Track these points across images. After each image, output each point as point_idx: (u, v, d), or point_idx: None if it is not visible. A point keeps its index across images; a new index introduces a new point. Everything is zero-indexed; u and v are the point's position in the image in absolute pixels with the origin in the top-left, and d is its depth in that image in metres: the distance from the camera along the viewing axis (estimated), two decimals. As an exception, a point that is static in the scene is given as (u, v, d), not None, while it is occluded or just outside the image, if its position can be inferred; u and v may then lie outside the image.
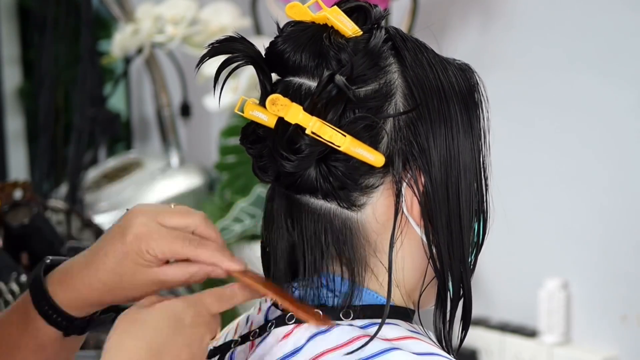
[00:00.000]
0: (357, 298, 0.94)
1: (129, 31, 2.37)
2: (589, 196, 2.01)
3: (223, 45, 0.95)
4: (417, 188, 0.93)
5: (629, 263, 1.95)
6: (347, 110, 0.91)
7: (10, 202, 1.96)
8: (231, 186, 2.31)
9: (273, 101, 0.91)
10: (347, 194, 0.92)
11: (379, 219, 0.94)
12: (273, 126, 0.92)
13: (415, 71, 0.94)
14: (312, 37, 0.93)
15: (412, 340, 0.93)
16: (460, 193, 0.95)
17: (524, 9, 2.09)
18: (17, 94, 3.08)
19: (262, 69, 0.95)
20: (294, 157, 0.90)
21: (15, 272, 1.87)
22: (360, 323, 0.94)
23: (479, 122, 0.98)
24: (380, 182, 0.93)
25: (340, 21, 0.93)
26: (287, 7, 0.95)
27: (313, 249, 0.94)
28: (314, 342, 0.92)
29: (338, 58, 0.92)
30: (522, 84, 2.09)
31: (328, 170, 0.91)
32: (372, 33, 0.93)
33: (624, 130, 1.95)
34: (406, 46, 0.95)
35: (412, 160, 0.93)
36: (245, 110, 0.94)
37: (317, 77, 0.92)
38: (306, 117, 0.90)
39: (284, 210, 0.95)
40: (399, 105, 0.93)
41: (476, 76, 0.99)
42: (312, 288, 0.95)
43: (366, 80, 0.92)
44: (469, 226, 0.96)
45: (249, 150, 0.96)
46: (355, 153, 0.91)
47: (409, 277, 0.97)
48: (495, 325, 2.17)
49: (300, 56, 0.93)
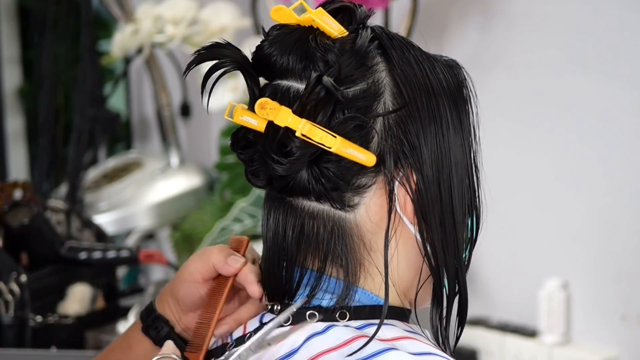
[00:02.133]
0: (352, 298, 0.94)
1: (129, 31, 2.37)
2: (589, 196, 2.01)
3: (209, 52, 0.95)
4: (410, 186, 0.93)
5: (629, 263, 1.95)
6: (337, 111, 0.91)
7: (10, 202, 1.96)
8: (231, 186, 2.31)
9: (262, 105, 0.91)
10: (339, 194, 0.93)
11: (373, 219, 0.94)
12: (263, 130, 0.92)
13: (403, 69, 0.94)
14: (298, 39, 0.93)
15: (409, 340, 0.93)
16: (453, 189, 0.95)
17: (524, 9, 2.09)
18: (17, 94, 3.08)
19: (249, 74, 0.95)
20: (285, 160, 0.90)
21: (15, 272, 1.87)
22: (356, 324, 0.94)
23: (469, 117, 0.98)
24: (373, 182, 0.93)
25: (326, 22, 0.93)
26: (272, 11, 0.95)
27: (308, 251, 0.94)
28: (310, 343, 0.93)
29: (325, 59, 0.92)
30: (522, 84, 2.09)
31: (320, 172, 0.91)
32: (358, 33, 0.93)
33: (623, 130, 1.95)
34: (392, 45, 0.95)
35: (404, 159, 0.93)
36: (234, 115, 0.94)
37: (305, 79, 0.92)
38: (295, 120, 0.90)
39: (279, 214, 0.95)
40: (388, 104, 0.93)
41: (464, 72, 0.99)
42: (307, 289, 0.95)
43: (354, 80, 0.92)
44: (462, 222, 0.96)
45: (239, 156, 0.96)
46: (346, 154, 0.91)
47: (404, 275, 0.97)
48: (495, 325, 2.17)
49: (287, 59, 0.93)
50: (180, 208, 2.46)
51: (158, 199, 2.46)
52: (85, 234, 2.15)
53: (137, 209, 2.45)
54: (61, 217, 2.11)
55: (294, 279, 0.96)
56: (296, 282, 0.96)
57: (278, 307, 0.97)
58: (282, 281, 0.96)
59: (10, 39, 3.08)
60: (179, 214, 2.44)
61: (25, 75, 3.10)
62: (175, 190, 2.49)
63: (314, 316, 0.94)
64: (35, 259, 1.98)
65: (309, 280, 0.95)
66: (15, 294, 1.84)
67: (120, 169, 2.60)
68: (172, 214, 2.47)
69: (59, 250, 2.01)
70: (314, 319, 0.94)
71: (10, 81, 3.07)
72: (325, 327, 0.93)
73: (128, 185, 2.52)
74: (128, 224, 2.45)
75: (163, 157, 2.60)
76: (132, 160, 2.63)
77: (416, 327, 0.98)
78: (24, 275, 1.86)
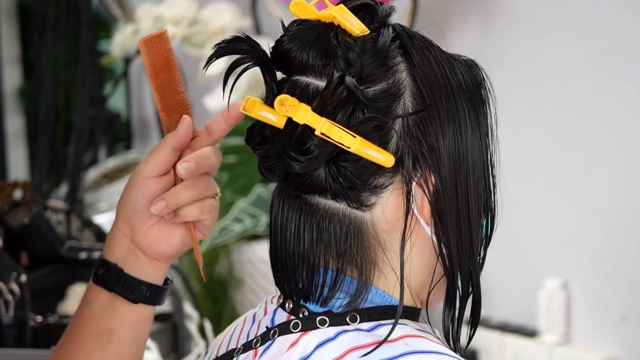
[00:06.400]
0: (365, 298, 0.93)
1: (129, 31, 2.37)
2: (589, 196, 2.01)
3: (230, 46, 0.94)
4: (427, 187, 0.93)
5: (629, 263, 1.95)
6: (356, 111, 0.90)
7: (10, 202, 1.96)
8: (231, 186, 2.31)
9: (282, 101, 0.90)
10: (356, 194, 0.92)
11: (389, 219, 0.93)
12: (282, 127, 0.91)
13: (423, 69, 0.93)
14: (318, 35, 0.92)
15: (420, 339, 0.92)
16: (469, 191, 0.94)
17: (524, 8, 2.09)
18: (17, 94, 3.08)
19: (268, 70, 0.94)
20: (303, 158, 0.90)
21: (15, 272, 1.87)
22: (367, 326, 0.93)
23: (486, 118, 0.97)
24: (390, 182, 0.93)
25: (347, 20, 0.92)
26: (292, 5, 0.94)
27: (326, 251, 0.93)
28: (322, 350, 0.92)
29: (346, 57, 0.91)
30: (522, 84, 2.09)
31: (337, 170, 0.91)
32: (379, 32, 0.92)
33: (624, 130, 1.95)
34: (413, 44, 0.94)
35: (422, 160, 0.92)
36: (252, 110, 0.93)
37: (325, 76, 0.91)
38: (315, 118, 0.89)
39: (293, 211, 0.94)
40: (407, 104, 0.92)
41: (483, 72, 0.98)
42: (320, 288, 0.94)
43: (375, 80, 0.91)
44: (477, 224, 0.96)
45: (255, 151, 0.95)
46: (365, 154, 0.90)
47: (417, 276, 0.96)
48: (495, 325, 2.17)
49: (307, 55, 0.92)
50: (180, 208, 2.45)
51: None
52: (85, 234, 2.15)
53: (137, 209, 2.45)
54: (61, 217, 2.10)
55: (309, 277, 0.94)
56: (310, 280, 0.94)
57: (290, 305, 0.96)
58: (295, 279, 0.95)
59: (10, 39, 3.08)
60: (179, 214, 2.43)
61: (25, 75, 3.10)
62: (175, 190, 2.48)
63: (324, 322, 0.94)
64: (35, 259, 1.98)
65: (323, 278, 0.94)
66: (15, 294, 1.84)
67: (120, 169, 2.60)
68: (172, 214, 2.46)
69: (59, 250, 2.00)
70: (324, 325, 0.94)
71: (10, 81, 3.07)
72: (336, 332, 0.93)
73: (128, 185, 2.51)
74: (128, 224, 2.44)
75: (163, 157, 2.59)
76: (132, 160, 2.63)
77: (426, 326, 0.97)
78: (24, 275, 1.86)
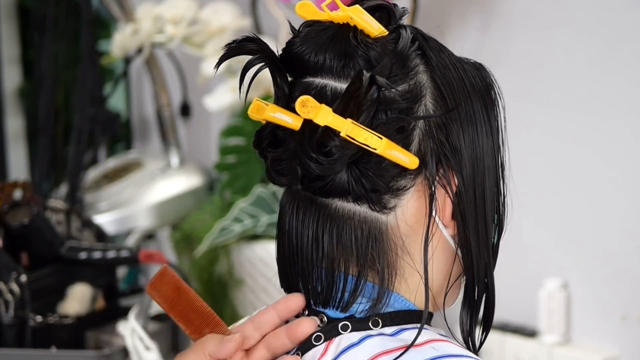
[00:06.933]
0: (387, 303, 0.93)
1: (129, 31, 2.37)
2: (589, 196, 2.01)
3: (241, 46, 0.93)
4: (451, 189, 0.92)
5: (629, 263, 1.95)
6: (379, 112, 0.89)
7: (10, 202, 1.96)
8: (231, 186, 2.31)
9: (303, 103, 0.88)
10: (378, 196, 0.91)
11: (409, 221, 0.92)
12: (297, 128, 0.90)
13: (442, 71, 0.93)
14: (334, 36, 0.91)
15: (446, 342, 0.92)
16: (485, 191, 0.94)
17: (524, 8, 2.09)
18: (17, 94, 3.08)
19: (280, 71, 0.93)
20: (325, 159, 0.88)
21: (15, 272, 1.87)
22: (390, 330, 0.92)
23: (497, 119, 0.97)
24: (411, 184, 0.92)
25: (365, 20, 0.91)
26: (298, 6, 0.93)
27: (346, 255, 0.92)
28: (346, 356, 0.91)
29: (367, 58, 0.90)
30: (522, 84, 2.09)
31: (360, 172, 0.89)
32: (398, 33, 0.92)
33: (624, 130, 1.95)
34: (429, 46, 0.94)
35: (445, 161, 0.92)
36: (264, 112, 0.92)
37: (344, 77, 0.90)
38: (337, 119, 0.88)
39: (309, 215, 0.93)
40: (428, 106, 0.92)
41: (491, 74, 0.99)
42: (340, 294, 0.93)
43: (396, 81, 0.90)
44: (491, 224, 0.96)
45: (265, 154, 0.94)
46: (391, 155, 0.89)
47: (436, 279, 0.96)
48: (495, 325, 2.16)
49: (323, 56, 0.91)
50: (180, 208, 2.46)
51: (158, 199, 2.46)
52: (85, 234, 2.15)
53: (137, 209, 2.45)
54: (61, 217, 2.11)
55: (329, 283, 0.93)
56: (331, 285, 0.93)
57: (306, 313, 0.95)
58: (313, 285, 0.94)
59: (10, 39, 3.08)
60: (179, 214, 2.44)
61: (25, 75, 3.10)
62: (175, 190, 2.49)
63: (346, 327, 0.93)
64: (35, 259, 1.98)
65: (343, 283, 0.92)
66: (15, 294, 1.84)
67: (120, 169, 2.60)
68: (172, 214, 2.47)
69: (59, 250, 2.01)
70: (346, 330, 0.93)
71: (10, 81, 3.07)
72: (360, 338, 0.92)
73: (128, 185, 2.52)
74: (128, 224, 2.45)
75: (163, 157, 2.60)
76: (132, 160, 2.63)
77: (442, 330, 0.97)
78: (24, 275, 1.86)
